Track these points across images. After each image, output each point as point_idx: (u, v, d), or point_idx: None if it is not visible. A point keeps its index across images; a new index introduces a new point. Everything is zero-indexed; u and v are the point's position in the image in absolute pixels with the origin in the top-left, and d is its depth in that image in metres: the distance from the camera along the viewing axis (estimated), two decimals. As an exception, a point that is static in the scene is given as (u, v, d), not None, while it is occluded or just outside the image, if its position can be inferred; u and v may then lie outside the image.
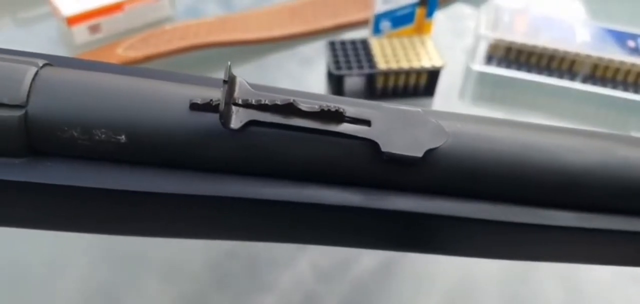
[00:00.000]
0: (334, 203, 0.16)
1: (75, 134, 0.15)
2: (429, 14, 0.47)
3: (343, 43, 0.46)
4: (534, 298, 0.33)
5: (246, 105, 0.15)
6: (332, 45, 0.46)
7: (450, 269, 0.34)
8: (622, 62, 0.46)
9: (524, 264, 0.34)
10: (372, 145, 0.16)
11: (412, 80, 0.45)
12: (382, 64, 0.44)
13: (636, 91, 0.47)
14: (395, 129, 0.16)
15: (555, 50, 0.47)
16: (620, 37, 0.49)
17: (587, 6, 0.61)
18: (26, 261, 0.33)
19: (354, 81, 0.47)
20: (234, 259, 0.34)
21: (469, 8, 0.58)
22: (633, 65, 0.46)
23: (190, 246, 0.34)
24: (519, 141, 0.17)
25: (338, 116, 0.16)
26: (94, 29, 0.50)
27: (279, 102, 0.15)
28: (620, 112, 0.47)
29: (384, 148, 0.16)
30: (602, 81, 0.48)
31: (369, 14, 0.49)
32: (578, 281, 0.34)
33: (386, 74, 0.44)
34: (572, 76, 0.48)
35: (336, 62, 0.44)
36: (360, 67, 0.44)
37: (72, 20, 0.48)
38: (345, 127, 0.16)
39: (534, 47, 0.47)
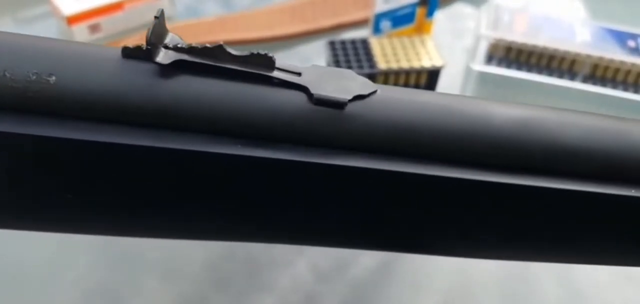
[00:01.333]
0: (268, 156, 0.16)
1: (8, 75, 0.15)
2: (429, 13, 0.47)
3: (343, 43, 0.46)
4: (533, 297, 0.33)
5: (176, 49, 0.16)
6: (332, 44, 0.46)
7: (449, 268, 0.34)
8: (622, 62, 0.47)
9: (523, 264, 0.34)
10: (303, 91, 0.16)
11: (412, 80, 0.45)
12: (382, 64, 0.44)
13: (636, 91, 0.47)
14: (325, 80, 0.16)
15: (556, 50, 0.47)
16: (621, 37, 0.49)
17: (587, 6, 0.61)
18: (26, 261, 0.33)
19: (354, 81, 0.47)
20: (233, 260, 0.34)
21: (469, 8, 0.58)
22: (633, 65, 0.46)
23: (190, 247, 0.34)
24: (453, 102, 0.17)
25: (268, 62, 0.16)
26: (94, 28, 0.50)
27: (209, 46, 0.16)
28: (620, 113, 0.47)
29: (313, 91, 0.16)
30: (602, 81, 0.48)
31: (369, 13, 0.49)
32: (576, 282, 0.34)
33: (386, 73, 0.44)
34: (572, 75, 0.48)
35: (336, 62, 0.44)
36: (360, 66, 0.44)
37: (72, 20, 0.48)
38: (276, 74, 0.16)
39: (534, 47, 0.47)
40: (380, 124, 0.16)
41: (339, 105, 0.16)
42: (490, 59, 0.49)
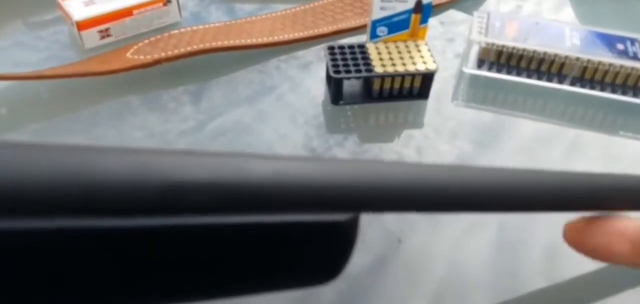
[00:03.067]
0: None
1: None
2: (424, 20, 0.48)
3: (342, 47, 0.47)
4: (523, 290, 0.34)
5: None
6: (331, 49, 0.47)
7: (442, 262, 0.35)
8: (610, 64, 0.47)
9: (513, 259, 0.36)
10: None
11: (407, 83, 0.47)
12: (378, 68, 0.45)
13: (624, 93, 0.48)
14: None
15: (545, 54, 0.48)
16: (609, 40, 0.50)
17: (577, 10, 0.62)
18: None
19: (352, 84, 0.48)
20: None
21: (462, 14, 0.60)
22: (621, 67, 0.47)
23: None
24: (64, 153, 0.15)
25: None
26: (104, 33, 0.51)
27: None
28: (608, 113, 0.49)
29: None
30: (591, 83, 0.49)
31: (367, 20, 0.50)
32: (565, 274, 0.35)
33: (383, 77, 0.45)
34: (562, 78, 0.49)
35: (335, 66, 0.45)
36: (358, 70, 0.45)
37: (82, 25, 0.49)
38: None
39: (524, 50, 0.49)
40: None
41: None
42: (481, 62, 0.50)
